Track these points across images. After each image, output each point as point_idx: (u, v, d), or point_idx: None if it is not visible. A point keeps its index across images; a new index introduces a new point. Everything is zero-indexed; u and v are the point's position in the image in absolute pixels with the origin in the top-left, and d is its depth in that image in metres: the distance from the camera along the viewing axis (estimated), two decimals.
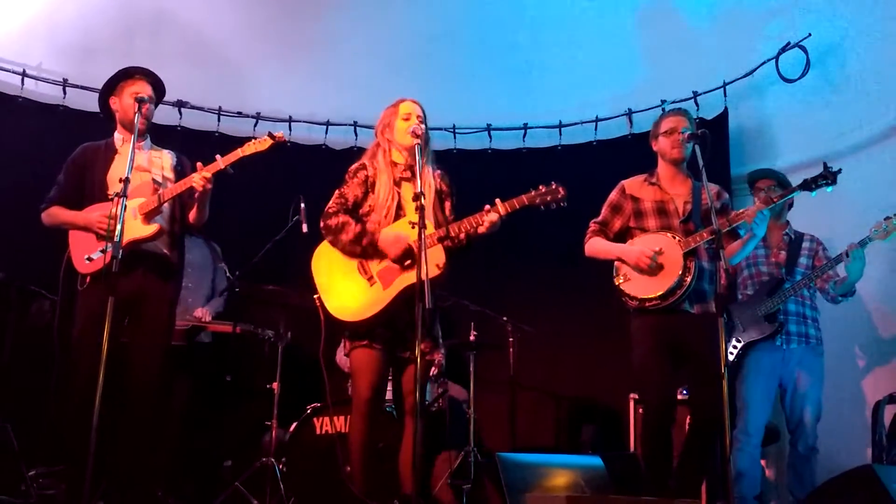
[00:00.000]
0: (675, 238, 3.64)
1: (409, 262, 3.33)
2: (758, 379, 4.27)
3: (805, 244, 4.49)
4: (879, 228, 4.13)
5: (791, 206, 4.52)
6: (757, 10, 5.57)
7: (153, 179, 3.69)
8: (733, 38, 5.65)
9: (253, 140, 3.60)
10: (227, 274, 4.97)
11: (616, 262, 3.75)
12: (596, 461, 3.88)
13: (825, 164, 3.64)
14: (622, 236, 3.84)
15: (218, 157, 3.58)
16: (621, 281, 3.70)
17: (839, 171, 3.59)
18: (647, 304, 3.63)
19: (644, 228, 3.76)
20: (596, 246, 3.84)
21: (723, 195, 3.83)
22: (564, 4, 6.09)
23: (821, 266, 4.33)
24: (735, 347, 4.32)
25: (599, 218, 3.90)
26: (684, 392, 4.38)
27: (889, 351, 4.84)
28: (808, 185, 3.63)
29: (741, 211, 3.64)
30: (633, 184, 3.88)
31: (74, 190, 3.67)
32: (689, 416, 3.83)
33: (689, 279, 3.57)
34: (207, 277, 4.92)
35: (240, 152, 3.58)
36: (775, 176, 4.52)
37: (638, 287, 3.65)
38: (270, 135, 3.57)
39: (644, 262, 3.60)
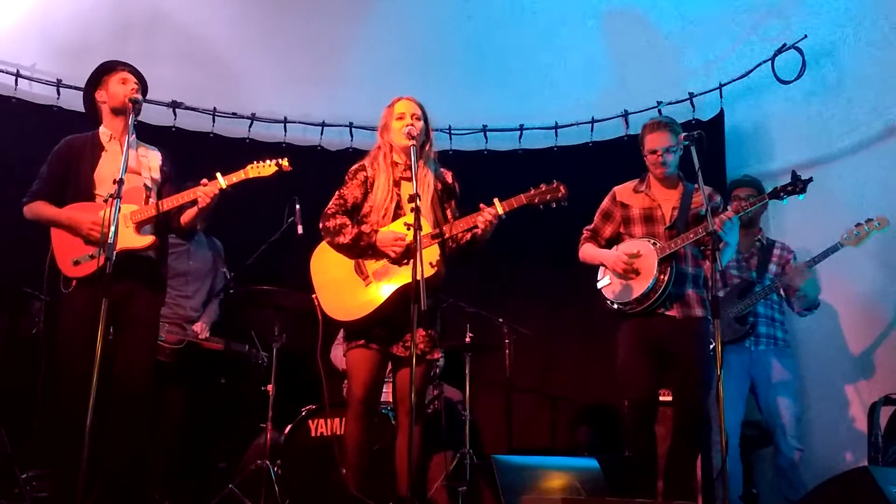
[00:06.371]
0: (653, 244, 3.73)
1: (406, 261, 3.32)
2: (728, 380, 4.26)
3: (776, 251, 4.53)
4: (851, 235, 4.15)
5: (763, 210, 4.54)
6: (753, 11, 5.57)
7: (144, 184, 3.65)
8: (729, 40, 5.65)
9: (256, 163, 3.61)
10: (227, 276, 4.91)
11: (600, 267, 3.89)
12: (592, 463, 3.87)
13: (794, 172, 3.64)
14: (614, 242, 3.95)
15: (219, 174, 3.56)
16: (601, 285, 3.85)
17: (809, 179, 3.59)
18: (624, 308, 3.75)
19: (632, 235, 3.88)
20: (586, 252, 4.01)
21: (714, 197, 3.81)
22: (559, 5, 6.08)
23: (784, 276, 4.35)
24: None
25: (591, 225, 4.05)
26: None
27: (884, 352, 4.83)
28: (776, 194, 3.62)
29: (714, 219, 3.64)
30: (623, 190, 3.98)
31: (59, 185, 3.60)
32: (673, 418, 3.87)
33: (662, 284, 3.66)
34: (208, 283, 4.81)
35: (243, 174, 3.59)
36: (753, 184, 4.55)
37: (616, 291, 3.79)
38: (277, 163, 3.60)
39: (620, 266, 3.72)
